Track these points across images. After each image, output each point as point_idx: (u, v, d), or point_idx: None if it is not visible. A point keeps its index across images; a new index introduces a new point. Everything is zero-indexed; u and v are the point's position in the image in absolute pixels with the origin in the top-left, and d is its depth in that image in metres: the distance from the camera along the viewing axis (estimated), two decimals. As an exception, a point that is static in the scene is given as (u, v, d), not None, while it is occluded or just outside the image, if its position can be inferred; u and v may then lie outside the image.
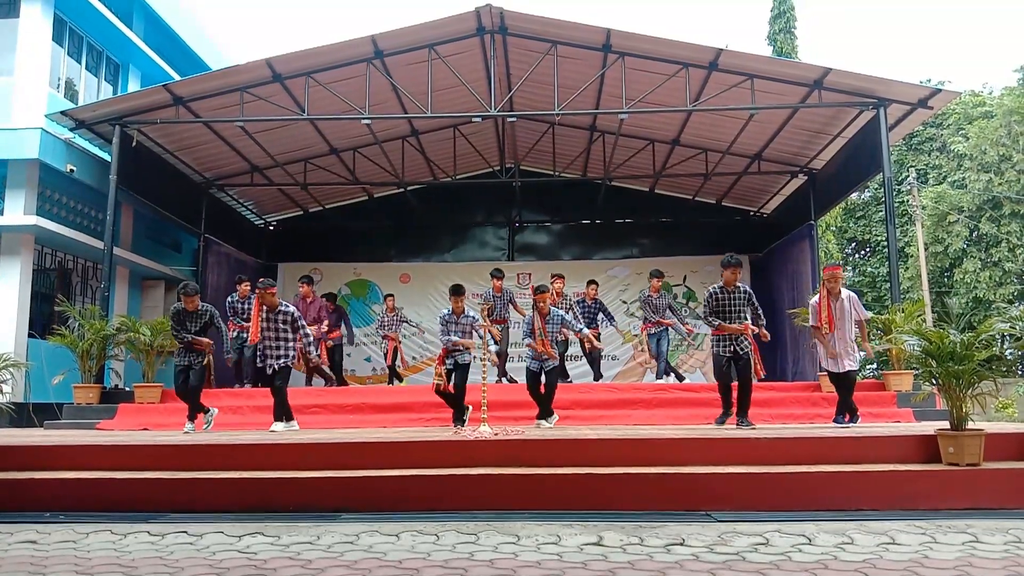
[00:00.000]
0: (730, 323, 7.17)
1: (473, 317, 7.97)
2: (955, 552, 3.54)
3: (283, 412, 7.62)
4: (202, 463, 5.29)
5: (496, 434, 6.05)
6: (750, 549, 3.63)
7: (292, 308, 7.79)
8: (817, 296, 7.43)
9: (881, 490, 4.72)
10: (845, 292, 7.34)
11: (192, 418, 7.78)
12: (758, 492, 4.73)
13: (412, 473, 4.96)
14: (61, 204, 11.65)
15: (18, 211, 10.88)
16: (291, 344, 7.70)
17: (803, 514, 4.47)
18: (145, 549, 3.77)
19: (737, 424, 7.12)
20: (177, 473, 5.11)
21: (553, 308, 7.95)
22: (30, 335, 11.07)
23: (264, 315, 7.62)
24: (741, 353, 7.16)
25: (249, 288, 10.44)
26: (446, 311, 7.92)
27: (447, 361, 7.79)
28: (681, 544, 3.74)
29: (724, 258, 7.30)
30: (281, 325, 7.63)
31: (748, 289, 7.40)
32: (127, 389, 10.34)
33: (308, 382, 11.41)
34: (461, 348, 7.78)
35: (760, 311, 7.40)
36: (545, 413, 7.80)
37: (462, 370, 7.85)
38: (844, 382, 7.31)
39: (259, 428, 7.89)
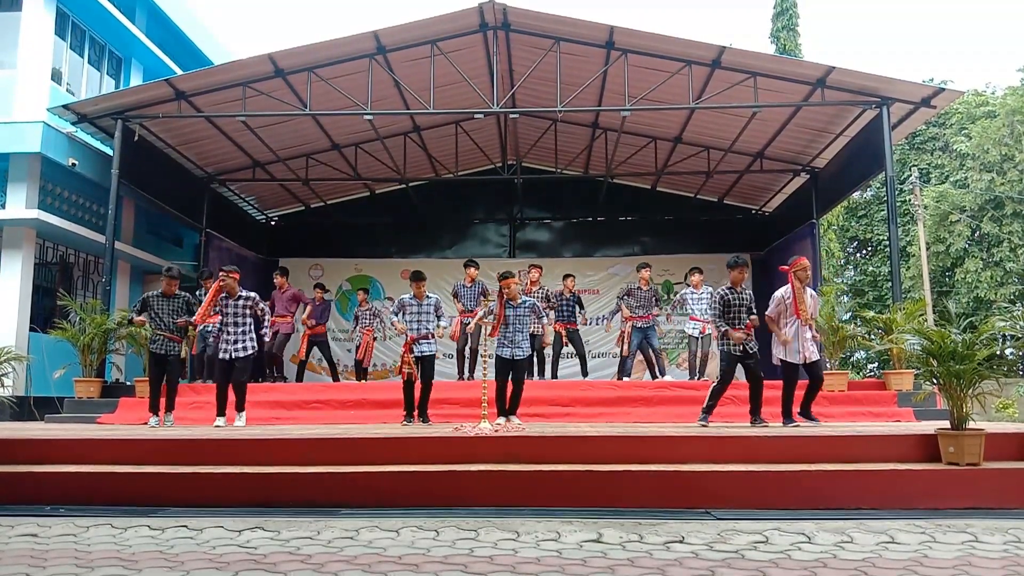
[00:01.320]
0: (737, 323, 7.16)
1: (436, 299, 7.76)
2: (954, 551, 3.54)
3: (243, 403, 7.61)
4: (203, 458, 5.30)
5: (496, 431, 6.06)
6: (749, 547, 3.63)
7: (252, 294, 7.71)
8: (788, 287, 7.37)
9: (881, 489, 4.72)
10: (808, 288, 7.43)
11: (169, 408, 7.85)
12: (758, 490, 4.73)
13: (412, 469, 4.96)
14: (63, 198, 11.65)
15: (19, 205, 10.90)
16: (251, 334, 7.60)
17: (803, 512, 4.47)
18: (145, 543, 3.77)
19: (752, 423, 7.08)
20: (178, 468, 5.11)
21: (525, 296, 7.67)
22: (31, 329, 11.09)
23: (223, 301, 7.57)
24: (751, 352, 7.16)
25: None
26: (407, 296, 7.70)
27: (414, 349, 7.54)
28: (680, 542, 3.74)
29: (730, 259, 7.30)
30: (240, 311, 7.55)
31: (750, 292, 7.47)
32: (128, 383, 10.34)
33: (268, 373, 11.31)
34: (431, 338, 7.61)
35: (755, 311, 7.44)
36: (512, 409, 7.32)
37: (427, 363, 7.58)
38: (813, 371, 7.27)
39: (257, 423, 7.90)
